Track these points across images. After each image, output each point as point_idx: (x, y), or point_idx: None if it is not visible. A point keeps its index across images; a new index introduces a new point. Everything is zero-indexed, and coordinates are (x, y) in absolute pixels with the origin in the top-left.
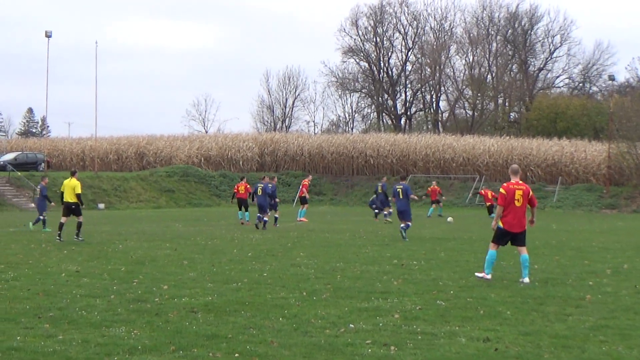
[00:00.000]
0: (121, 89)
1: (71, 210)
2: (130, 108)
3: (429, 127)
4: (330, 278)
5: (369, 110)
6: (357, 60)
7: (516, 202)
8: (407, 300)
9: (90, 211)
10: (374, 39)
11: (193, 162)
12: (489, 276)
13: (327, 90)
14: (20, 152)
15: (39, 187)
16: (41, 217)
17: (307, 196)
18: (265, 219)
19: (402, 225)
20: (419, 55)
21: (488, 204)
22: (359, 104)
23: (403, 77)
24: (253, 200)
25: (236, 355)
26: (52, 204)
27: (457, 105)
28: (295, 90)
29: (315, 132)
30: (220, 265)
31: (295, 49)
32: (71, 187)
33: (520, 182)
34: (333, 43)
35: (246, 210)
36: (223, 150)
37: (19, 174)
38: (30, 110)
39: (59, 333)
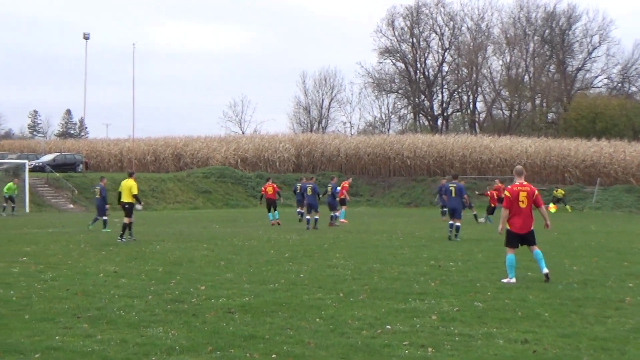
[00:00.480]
0: (158, 91)
1: (124, 210)
2: (168, 109)
3: (466, 127)
4: (367, 279)
5: (406, 111)
6: (394, 60)
7: (520, 203)
8: (445, 301)
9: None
10: (411, 40)
11: (230, 163)
12: (513, 280)
13: (364, 91)
14: (58, 154)
15: (98, 187)
16: (98, 217)
17: (348, 198)
18: (316, 217)
19: (450, 222)
20: (456, 56)
21: (493, 205)
22: (396, 105)
23: (440, 78)
24: (303, 199)
25: (273, 356)
26: (107, 205)
27: (494, 106)
28: (332, 91)
29: (352, 133)
30: (257, 266)
31: (332, 50)
32: (128, 187)
33: (525, 183)
34: (369, 44)
35: (275, 210)
36: (259, 151)
37: (58, 175)
38: (68, 112)
39: (97, 333)
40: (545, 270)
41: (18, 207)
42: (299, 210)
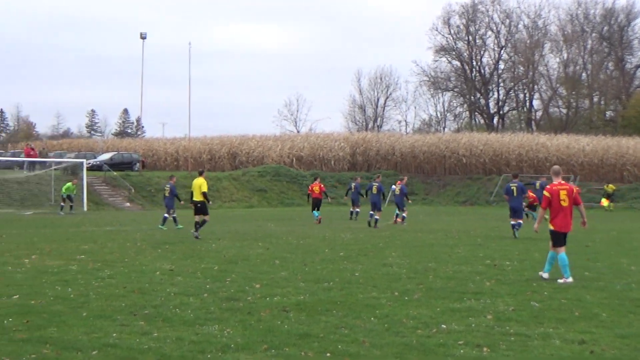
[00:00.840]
0: (214, 90)
1: (197, 208)
2: (223, 108)
3: (522, 126)
4: (422, 278)
5: (461, 110)
6: (449, 59)
7: (562, 202)
8: (500, 301)
9: (185, 210)
10: (466, 38)
11: (285, 162)
12: (570, 279)
13: (419, 90)
14: (116, 152)
15: (168, 185)
16: (167, 215)
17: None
18: (377, 217)
19: (512, 222)
20: (512, 54)
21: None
22: (451, 103)
23: (496, 76)
24: (366, 196)
25: (328, 354)
26: (182, 202)
27: (550, 104)
28: (387, 90)
29: (407, 131)
30: (312, 265)
31: (387, 48)
32: (198, 186)
33: (563, 182)
34: (425, 42)
35: (318, 209)
36: (315, 150)
37: (115, 173)
38: (125, 111)
39: (153, 330)
40: (546, 275)
41: (76, 205)
42: (352, 210)
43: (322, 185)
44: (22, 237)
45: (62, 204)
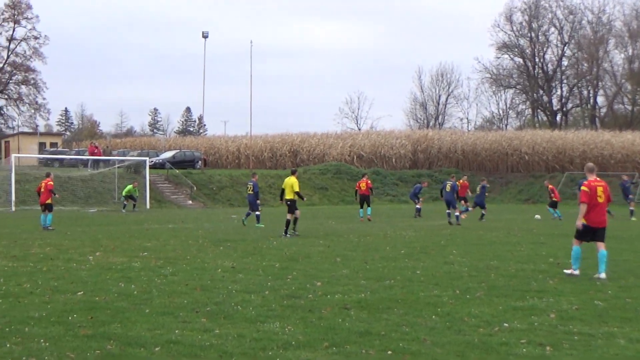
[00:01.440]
0: (275, 88)
1: (288, 207)
2: (284, 107)
3: (586, 123)
4: (484, 276)
5: (524, 107)
6: (512, 55)
7: (599, 198)
8: (564, 299)
9: (245, 208)
10: (529, 34)
11: (345, 160)
12: (577, 272)
13: (481, 87)
14: (178, 150)
15: (251, 183)
16: (251, 212)
17: (470, 193)
18: (457, 213)
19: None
20: (576, 50)
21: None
22: (514, 100)
23: (559, 73)
24: (441, 195)
25: (389, 352)
26: (258, 201)
27: (615, 100)
28: (449, 87)
29: (469, 129)
30: (373, 263)
31: (448, 45)
32: (290, 184)
33: (599, 179)
34: (487, 39)
35: (368, 206)
36: (375, 147)
37: (177, 171)
38: (188, 110)
39: (215, 327)
40: (603, 276)
41: (139, 203)
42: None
43: (369, 182)
44: (86, 235)
45: (124, 202)
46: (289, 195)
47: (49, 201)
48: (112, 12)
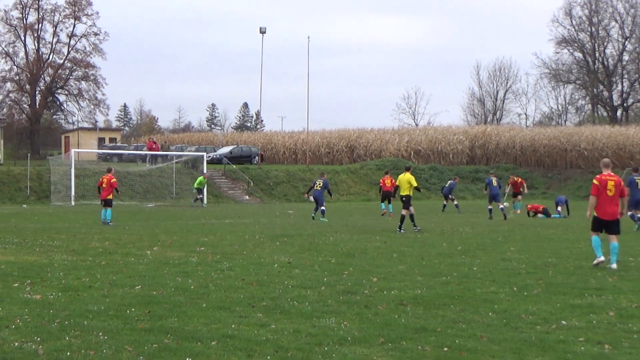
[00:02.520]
0: (332, 84)
1: (403, 202)
2: (342, 102)
3: None
4: (541, 273)
5: (583, 102)
6: (571, 50)
7: (608, 192)
8: (623, 297)
9: (301, 204)
10: (589, 29)
11: (402, 156)
12: (601, 258)
13: (540, 82)
14: (235, 146)
15: (320, 180)
16: (318, 207)
17: (526, 191)
18: (501, 207)
19: (631, 214)
20: (637, 45)
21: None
22: (573, 96)
23: (620, 68)
24: (485, 190)
25: (445, 349)
26: (332, 196)
27: None
28: (507, 83)
29: (527, 124)
30: (430, 259)
31: (507, 40)
32: (406, 181)
33: (612, 174)
34: (545, 34)
35: (389, 203)
36: (433, 143)
37: (234, 167)
38: (245, 105)
39: (271, 322)
40: (614, 266)
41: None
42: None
43: (393, 180)
44: (144, 229)
45: (199, 196)
46: (404, 192)
47: (109, 197)
48: (171, 9)
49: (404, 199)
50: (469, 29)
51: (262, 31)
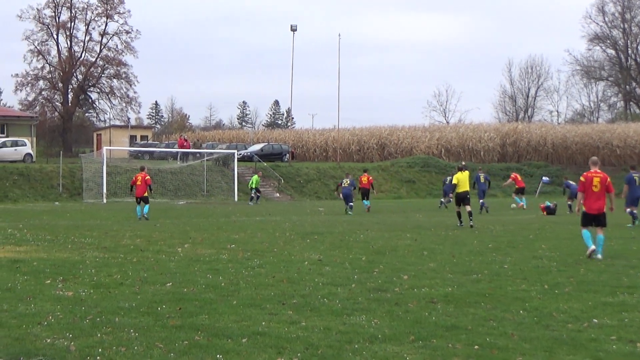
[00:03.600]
0: (363, 81)
1: (463, 199)
2: (372, 99)
3: None
4: (573, 271)
5: (616, 99)
6: (604, 47)
7: (594, 187)
8: None
9: (332, 201)
10: (622, 25)
11: (433, 153)
12: (592, 247)
13: (572, 79)
14: (266, 143)
15: (347, 179)
16: (348, 204)
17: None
18: (482, 201)
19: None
20: None
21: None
22: (605, 93)
23: None
24: (474, 187)
25: (476, 347)
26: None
27: None
28: (538, 80)
29: (559, 122)
30: (460, 256)
31: (538, 37)
32: (465, 179)
33: (599, 171)
34: (577, 30)
35: (367, 199)
36: (463, 140)
37: (265, 164)
38: (276, 103)
39: (302, 320)
40: (600, 257)
41: (227, 195)
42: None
43: (369, 177)
44: (175, 226)
45: (258, 194)
46: (465, 189)
47: (145, 194)
48: (201, 7)
49: (468, 195)
50: (500, 26)
51: (293, 29)
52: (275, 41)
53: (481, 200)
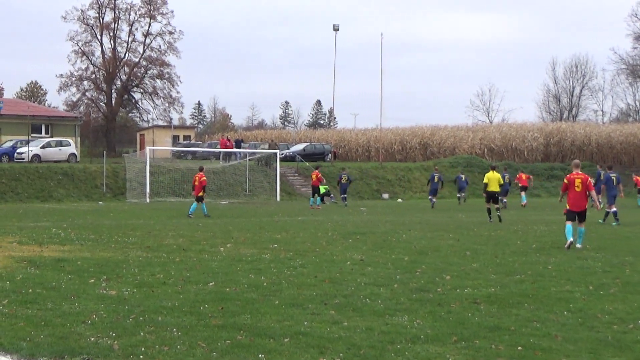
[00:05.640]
0: (406, 81)
1: (493, 198)
2: (415, 99)
3: None
4: (618, 272)
5: None
6: None
7: (576, 187)
8: None
9: (374, 201)
10: None
11: (476, 153)
12: (571, 239)
13: (617, 78)
14: (308, 143)
15: (345, 174)
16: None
17: (532, 184)
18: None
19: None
20: None
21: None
22: None
23: None
24: (428, 184)
25: (519, 348)
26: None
27: None
28: (583, 79)
29: (604, 121)
30: (504, 257)
31: (583, 36)
32: (496, 179)
33: (580, 173)
34: (623, 29)
35: (319, 196)
36: (507, 140)
37: (307, 164)
38: (318, 102)
39: (344, 320)
40: (579, 246)
41: (269, 195)
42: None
43: (319, 175)
44: (217, 226)
45: (330, 196)
46: (495, 188)
47: (201, 194)
48: (242, 7)
49: (496, 194)
50: (544, 25)
51: (336, 28)
52: (318, 41)
53: (431, 197)
